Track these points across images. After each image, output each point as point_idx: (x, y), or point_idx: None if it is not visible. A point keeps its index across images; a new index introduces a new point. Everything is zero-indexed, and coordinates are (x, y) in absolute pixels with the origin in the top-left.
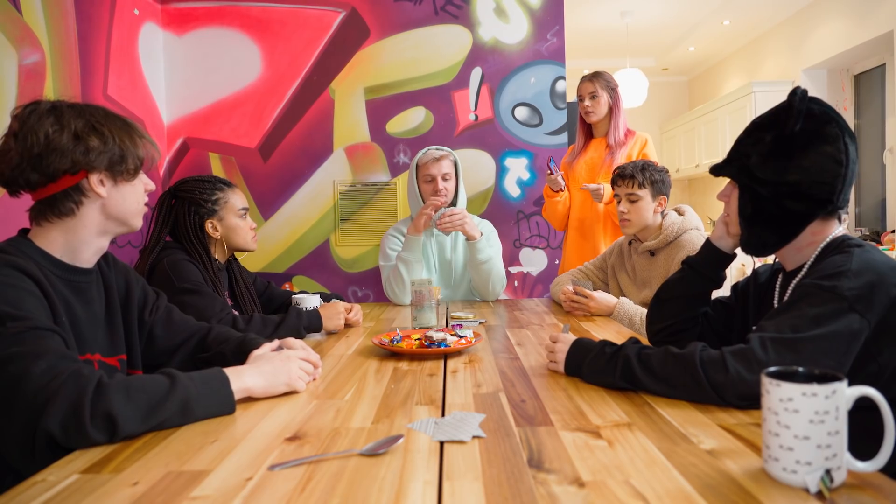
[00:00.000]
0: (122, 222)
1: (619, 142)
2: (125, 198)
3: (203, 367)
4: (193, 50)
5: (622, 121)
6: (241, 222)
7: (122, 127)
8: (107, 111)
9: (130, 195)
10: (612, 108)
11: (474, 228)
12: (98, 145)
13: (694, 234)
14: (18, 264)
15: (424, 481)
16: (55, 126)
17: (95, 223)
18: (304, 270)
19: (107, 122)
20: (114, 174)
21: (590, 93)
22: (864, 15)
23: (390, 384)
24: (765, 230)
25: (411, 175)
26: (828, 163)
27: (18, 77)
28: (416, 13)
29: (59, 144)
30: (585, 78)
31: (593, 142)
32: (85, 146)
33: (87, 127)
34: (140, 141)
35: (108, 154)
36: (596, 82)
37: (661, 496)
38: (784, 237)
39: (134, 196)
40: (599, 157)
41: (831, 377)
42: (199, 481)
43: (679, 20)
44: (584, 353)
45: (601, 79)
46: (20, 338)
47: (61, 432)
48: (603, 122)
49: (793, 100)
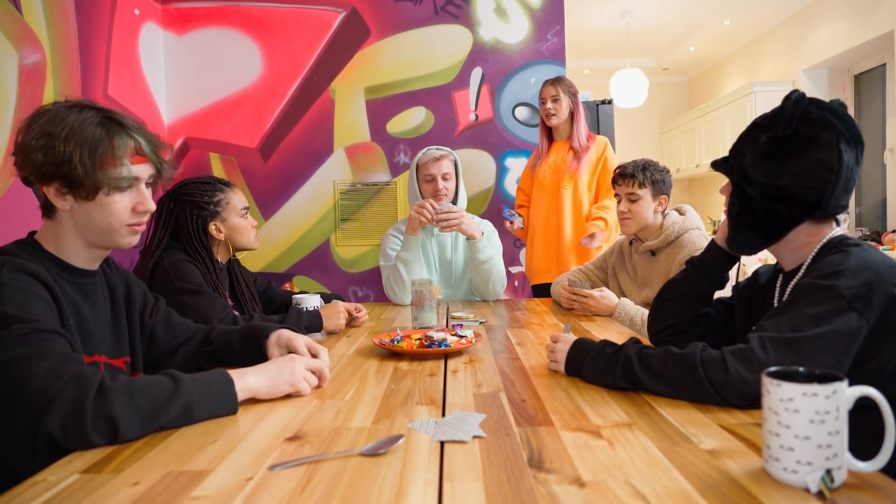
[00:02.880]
0: (99, 237)
1: (583, 146)
2: (90, 215)
3: (208, 362)
4: (194, 50)
5: (583, 126)
6: (244, 221)
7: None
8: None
9: (96, 214)
10: (574, 112)
11: (474, 228)
12: (43, 160)
13: (695, 233)
14: (29, 268)
15: (425, 481)
16: (23, 132)
17: (74, 232)
18: (305, 270)
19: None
20: (69, 190)
21: (552, 96)
22: (864, 15)
23: (391, 384)
24: (749, 230)
25: (412, 175)
26: (818, 169)
27: (19, 77)
28: (417, 13)
29: (20, 151)
30: (548, 82)
31: (555, 145)
32: (30, 160)
33: (45, 139)
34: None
35: (55, 170)
36: (558, 86)
37: (661, 496)
38: (768, 238)
39: (101, 215)
40: (563, 161)
41: (832, 377)
42: (199, 481)
43: (679, 20)
44: (584, 353)
45: (563, 83)
46: (25, 339)
47: (61, 434)
48: (564, 125)
49: (786, 104)
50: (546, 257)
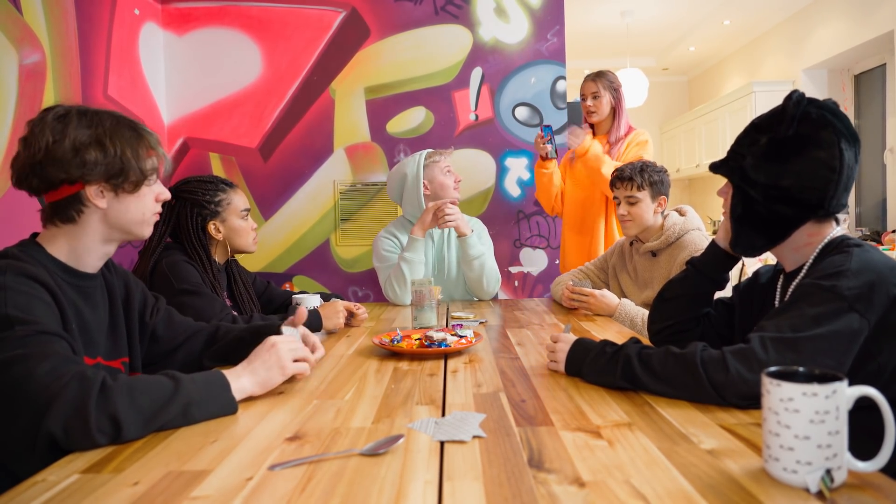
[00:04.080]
0: (126, 231)
1: (618, 139)
2: (127, 209)
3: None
4: (194, 50)
5: (625, 121)
6: (244, 224)
7: (130, 138)
8: (119, 120)
9: (133, 206)
10: (616, 107)
11: (466, 225)
12: (96, 158)
13: (696, 234)
14: (30, 272)
15: (425, 481)
16: (57, 136)
17: (98, 231)
18: (305, 270)
19: (114, 134)
20: (114, 186)
21: (592, 92)
22: (864, 15)
23: (390, 384)
24: (753, 231)
25: (415, 177)
26: (820, 168)
27: (19, 77)
28: (417, 13)
29: (58, 155)
30: (588, 77)
31: (595, 139)
32: (82, 159)
33: (90, 139)
34: (147, 153)
35: (107, 167)
36: (599, 82)
37: (661, 496)
38: (772, 239)
39: (138, 207)
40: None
41: (832, 377)
42: (199, 481)
43: (679, 20)
44: (584, 353)
45: (604, 78)
46: (26, 341)
47: (63, 434)
48: (605, 121)
49: (787, 104)
50: (579, 253)
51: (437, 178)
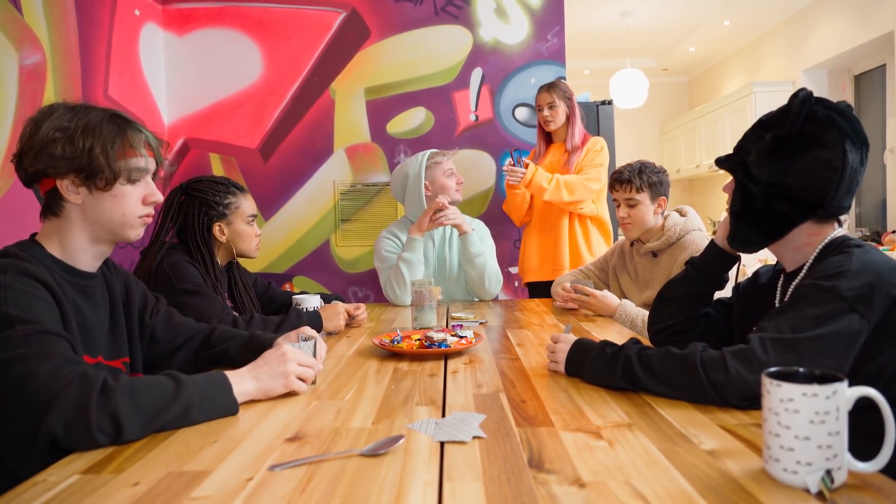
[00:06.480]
0: (109, 231)
1: (574, 147)
2: (103, 207)
3: (205, 367)
4: (194, 50)
5: (578, 128)
6: (249, 229)
7: (107, 136)
8: (108, 117)
9: (110, 205)
10: (570, 116)
11: (466, 224)
12: (62, 152)
13: (696, 235)
14: (31, 271)
15: (425, 482)
16: (34, 129)
17: (82, 228)
18: (305, 271)
19: (88, 130)
20: (85, 182)
21: (548, 103)
22: (864, 15)
23: (391, 384)
24: (750, 227)
25: (417, 177)
26: (822, 168)
27: (19, 77)
28: (417, 13)
29: (30, 147)
30: (543, 88)
31: (552, 147)
32: (48, 152)
33: (61, 133)
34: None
35: (73, 162)
36: (553, 92)
37: (661, 496)
38: (768, 236)
39: (115, 206)
40: (559, 163)
41: (832, 378)
42: (199, 482)
43: (679, 20)
44: (584, 354)
45: (558, 89)
46: (27, 340)
47: (64, 434)
48: (561, 129)
49: (793, 102)
50: (540, 256)
51: (438, 179)
